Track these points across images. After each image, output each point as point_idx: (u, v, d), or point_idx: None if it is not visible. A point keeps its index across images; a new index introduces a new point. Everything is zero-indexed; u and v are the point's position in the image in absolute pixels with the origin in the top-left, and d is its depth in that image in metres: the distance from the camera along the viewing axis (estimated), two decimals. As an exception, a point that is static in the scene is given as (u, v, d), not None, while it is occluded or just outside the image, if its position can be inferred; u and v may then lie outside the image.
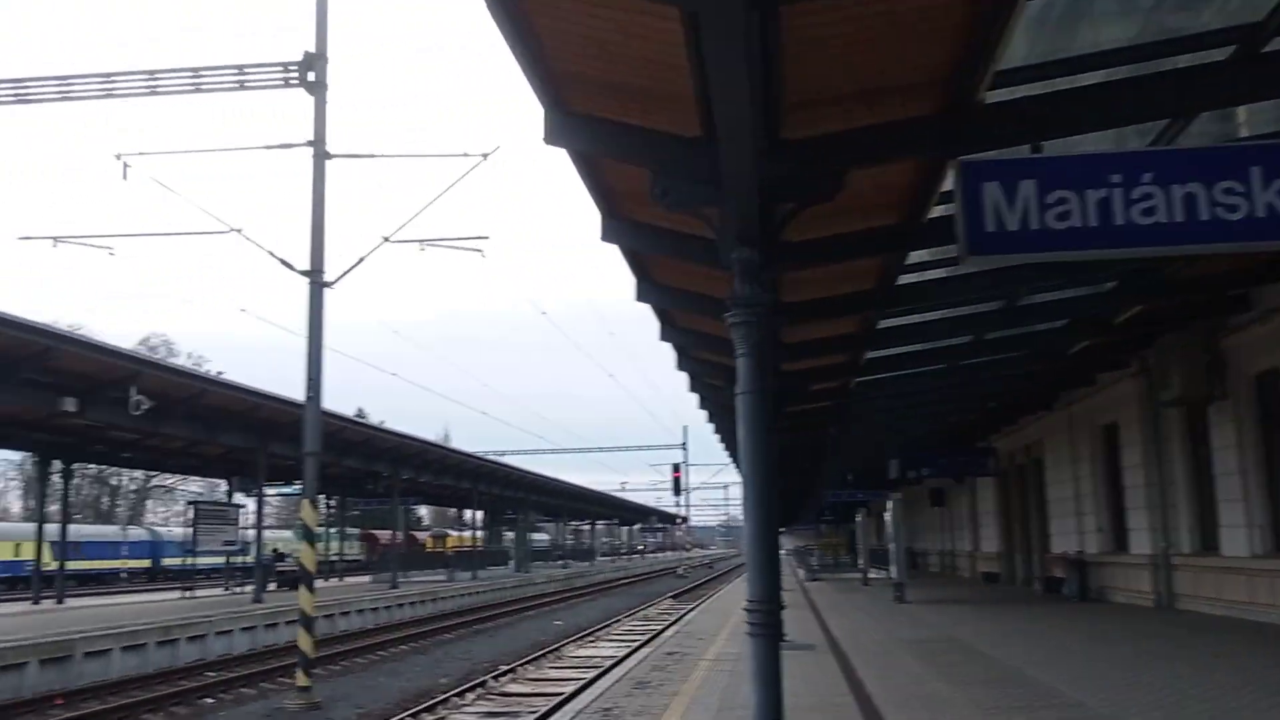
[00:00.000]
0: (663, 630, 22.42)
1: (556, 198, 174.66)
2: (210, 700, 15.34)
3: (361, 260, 16.57)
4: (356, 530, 66.66)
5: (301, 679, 14.49)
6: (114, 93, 15.67)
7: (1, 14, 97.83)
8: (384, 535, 71.94)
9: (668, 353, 14.81)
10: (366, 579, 42.76)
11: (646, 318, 13.12)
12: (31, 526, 52.84)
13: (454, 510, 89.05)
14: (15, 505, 72.14)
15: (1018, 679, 10.31)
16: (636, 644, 21.29)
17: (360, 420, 29.88)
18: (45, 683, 15.68)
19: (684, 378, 17.91)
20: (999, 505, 29.53)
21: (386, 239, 16.66)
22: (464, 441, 71.93)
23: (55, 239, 16.30)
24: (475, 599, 37.47)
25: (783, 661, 6.65)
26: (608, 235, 10.07)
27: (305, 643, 14.56)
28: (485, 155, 16.13)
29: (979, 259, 7.03)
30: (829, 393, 17.70)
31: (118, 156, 15.70)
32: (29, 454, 57.35)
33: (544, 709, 13.09)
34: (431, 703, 14.24)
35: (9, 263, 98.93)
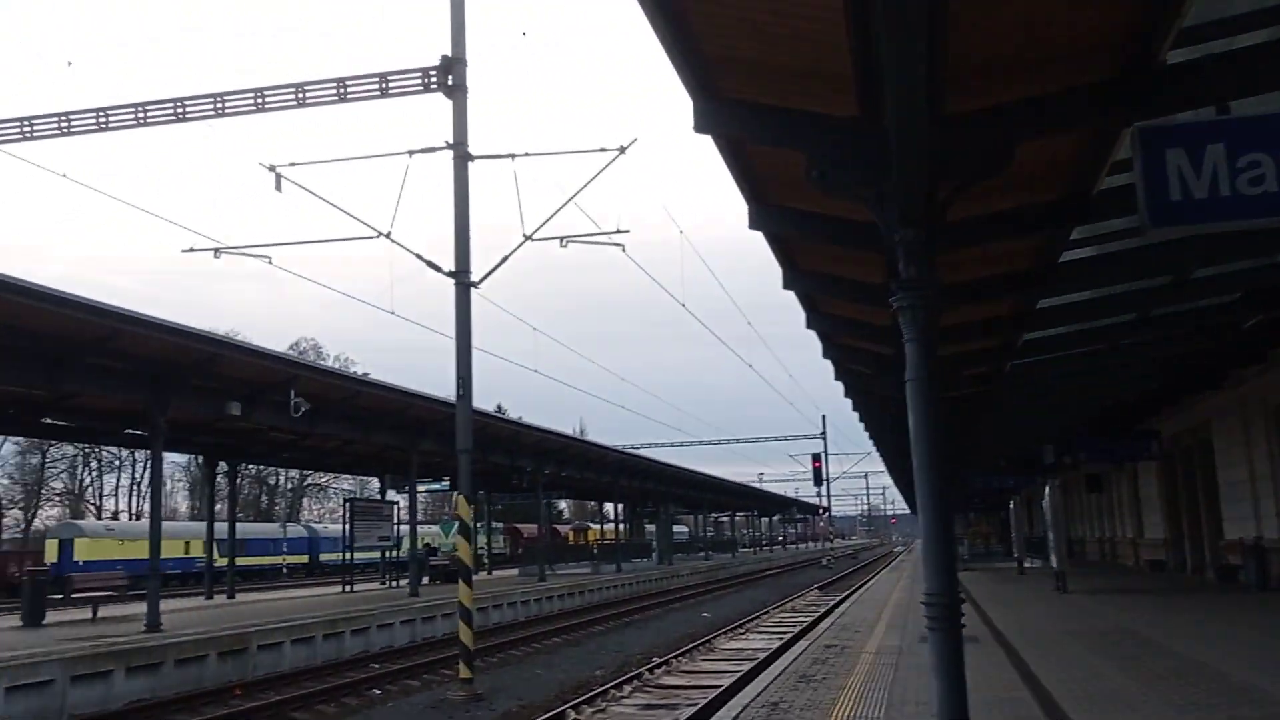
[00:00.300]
0: (816, 622, 22.15)
1: (696, 188, 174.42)
2: (377, 691, 15.81)
3: (505, 259, 16.81)
4: (500, 525, 68.02)
5: (464, 671, 14.80)
6: (265, 106, 16.26)
7: (157, 36, 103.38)
8: (527, 529, 73.37)
9: (809, 342, 14.56)
10: (514, 572, 43.62)
11: (786, 307, 12.92)
12: (197, 525, 56.00)
13: (593, 504, 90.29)
14: (182, 505, 76.19)
15: (1207, 673, 9.74)
16: (788, 636, 21.07)
17: (505, 417, 30.43)
18: (224, 674, 16.44)
19: (827, 366, 17.62)
20: (1164, 490, 28.14)
21: (528, 237, 16.86)
22: (600, 435, 72.70)
23: (216, 250, 17.02)
24: (621, 591, 37.78)
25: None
26: (755, 222, 9.91)
27: (466, 635, 14.87)
28: (623, 149, 16.14)
29: (1162, 230, 6.62)
30: (980, 378, 17.14)
31: (271, 168, 16.25)
32: (194, 456, 60.71)
33: (702, 701, 13.04)
34: (590, 694, 14.34)
35: (173, 274, 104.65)
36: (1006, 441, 28.00)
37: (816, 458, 60.73)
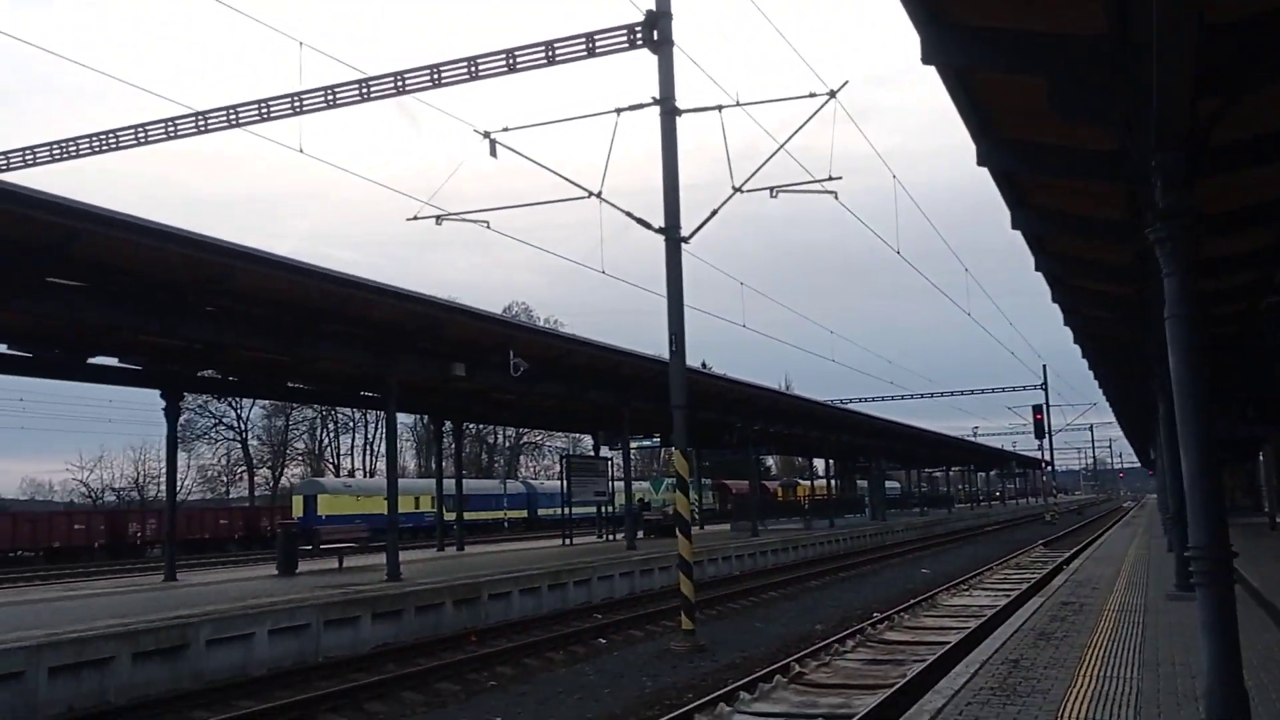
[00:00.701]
0: (1047, 579, 21.22)
1: (907, 131, 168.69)
2: (603, 641, 16.24)
3: (714, 213, 16.69)
4: (709, 481, 68.54)
5: (686, 622, 14.98)
6: (479, 74, 16.66)
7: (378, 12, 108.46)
8: (736, 485, 73.65)
9: (1031, 287, 13.79)
10: (725, 527, 43.89)
11: (1005, 252, 12.24)
12: (425, 482, 59.13)
13: (801, 460, 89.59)
14: (410, 463, 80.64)
15: None
16: (1017, 593, 20.29)
17: (714, 373, 30.52)
18: (459, 622, 17.27)
19: (1051, 312, 16.69)
20: None
21: (737, 189, 16.64)
22: (806, 390, 71.82)
23: (438, 217, 17.65)
24: (835, 547, 37.41)
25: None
26: (983, 159, 9.41)
27: (687, 588, 15.02)
28: (833, 93, 15.64)
29: None
30: (1230, 318, 15.82)
31: (486, 134, 16.67)
32: (420, 416, 64.03)
33: (931, 657, 12.70)
34: (813, 648, 14.22)
35: (391, 246, 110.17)
36: (1258, 387, 25.80)
37: (1037, 409, 57.99)
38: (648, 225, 16.59)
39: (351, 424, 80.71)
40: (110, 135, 17.60)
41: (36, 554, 43.47)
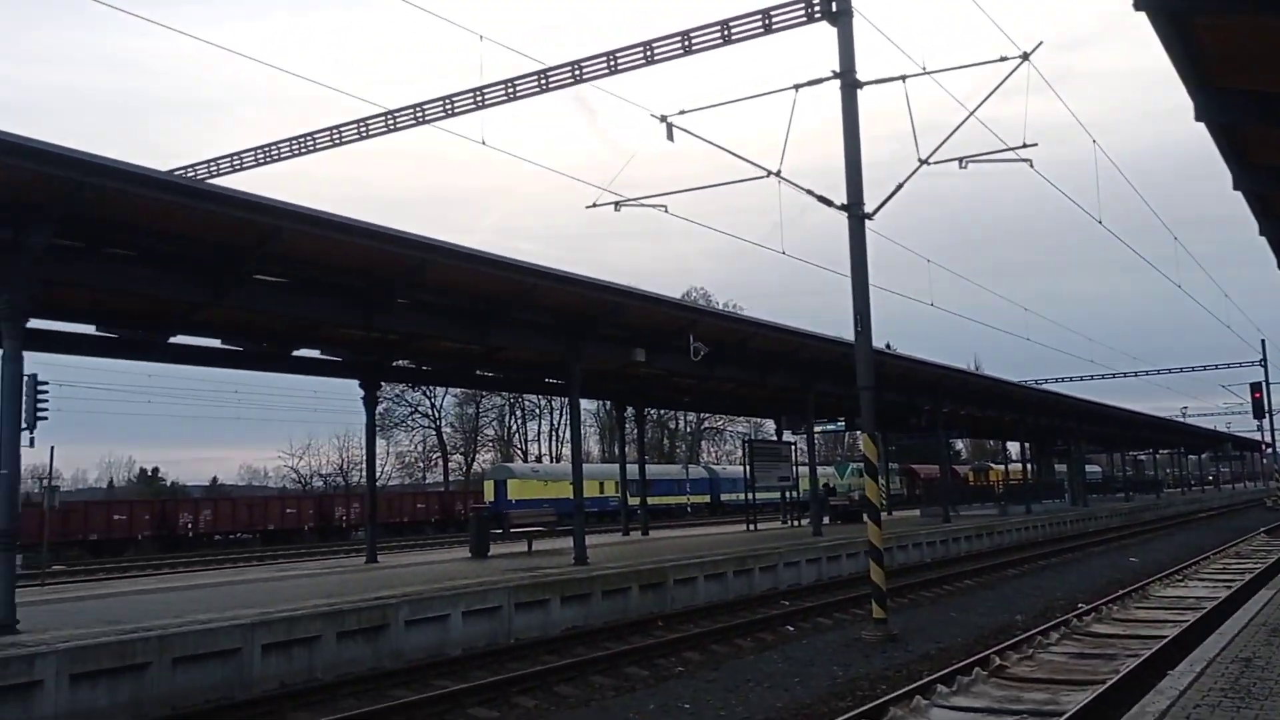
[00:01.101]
0: (1275, 569, 19.60)
1: (1110, 93, 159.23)
2: (790, 628, 15.96)
3: (899, 187, 16.05)
4: (895, 465, 66.91)
5: (877, 611, 14.54)
6: (654, 59, 16.58)
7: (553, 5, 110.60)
8: (924, 469, 71.62)
9: (1251, 255, 12.62)
10: (914, 513, 42.70)
11: (1219, 221, 11.22)
12: (609, 467, 60.03)
13: (992, 443, 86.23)
14: (594, 449, 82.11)
15: None
16: (1239, 585, 18.83)
17: (900, 353, 29.62)
18: (645, 606, 17.34)
19: (1271, 284, 15.30)
20: None
21: (923, 161, 15.97)
22: (997, 370, 69.09)
23: (617, 203, 17.69)
24: (1032, 533, 35.80)
25: None
26: (1201, 112, 8.64)
27: (877, 575, 14.57)
28: (1026, 55, 14.77)
29: None
30: None
31: (662, 118, 16.56)
32: (603, 402, 65.06)
33: (1145, 653, 11.86)
34: (1014, 640, 13.53)
35: (571, 238, 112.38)
36: None
37: (1256, 387, 53.76)
38: (829, 203, 16.14)
39: (538, 411, 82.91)
40: (308, 138, 18.46)
41: (254, 535, 46.56)
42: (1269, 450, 71.86)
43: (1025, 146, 15.68)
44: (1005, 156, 15.72)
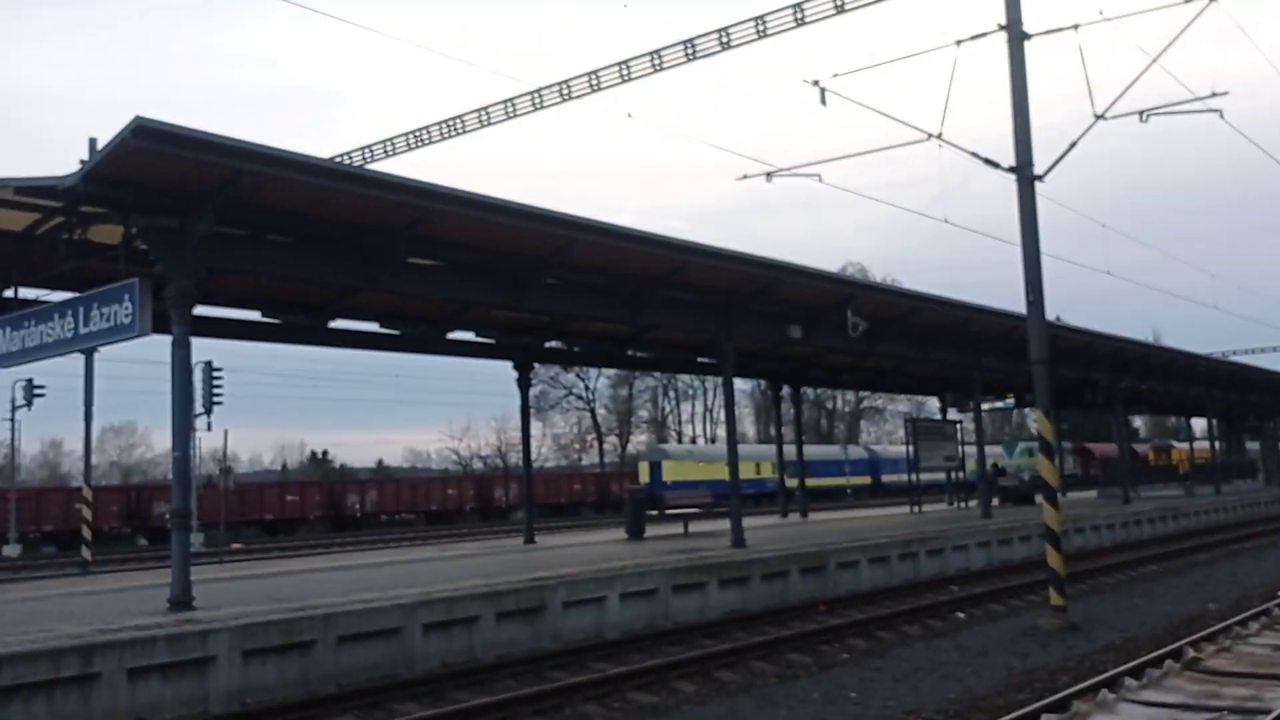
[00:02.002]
0: None
1: None
2: (961, 615, 15.18)
3: (1073, 145, 14.95)
4: (1068, 444, 64.02)
5: (1055, 598, 13.64)
6: (804, 20, 15.97)
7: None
8: (1099, 449, 68.25)
9: None
10: (1090, 494, 40.63)
11: None
12: (764, 448, 59.40)
13: (1173, 420, 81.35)
14: (749, 429, 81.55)
15: None
16: None
17: (1074, 326, 28.00)
18: (806, 591, 16.83)
19: None
20: None
21: (1100, 116, 14.83)
22: (1178, 341, 64.89)
23: (768, 174, 17.13)
24: (1223, 516, 33.49)
25: None
26: None
27: (1055, 560, 13.66)
28: (1215, -7, 13.50)
29: None
30: None
31: (815, 83, 15.89)
32: (757, 381, 64.36)
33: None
34: (1208, 630, 12.44)
35: (719, 214, 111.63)
36: None
37: None
38: (995, 165, 15.19)
39: (691, 392, 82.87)
40: (457, 120, 18.60)
41: (417, 516, 48.03)
42: None
43: (1214, 95, 14.39)
44: (1192, 107, 14.45)
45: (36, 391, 27.74)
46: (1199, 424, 54.96)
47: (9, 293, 13.50)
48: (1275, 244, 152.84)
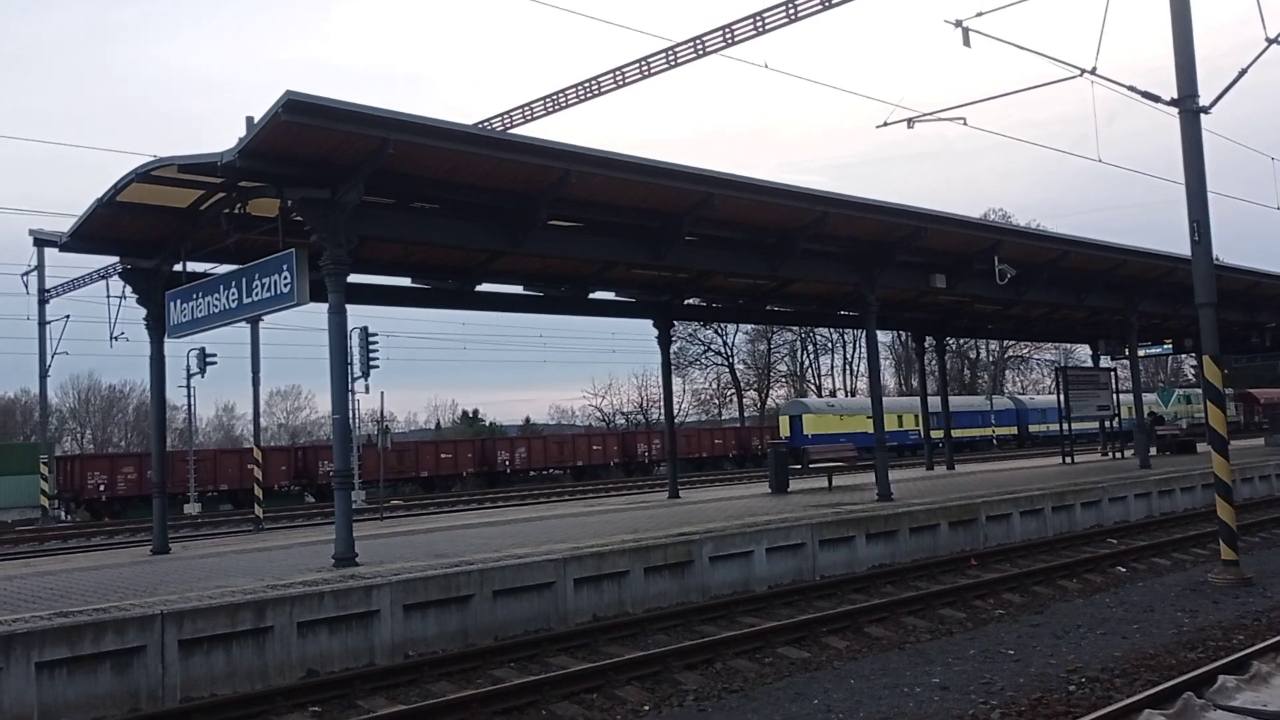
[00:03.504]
0: None
1: None
2: (1122, 569, 14.64)
3: (1243, 73, 14.04)
4: (1230, 390, 60.82)
5: (1226, 552, 13.01)
6: (947, -42, 15.30)
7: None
8: (1264, 394, 64.63)
9: None
10: (1256, 442, 38.58)
11: None
12: (907, 400, 58.31)
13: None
14: (890, 381, 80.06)
15: None
16: None
17: (1239, 266, 26.42)
18: (955, 544, 16.52)
19: None
20: None
21: (1272, 40, 13.88)
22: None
23: (910, 120, 16.62)
24: None
25: None
26: None
27: (1226, 512, 13.02)
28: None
29: None
30: None
31: (958, 23, 15.28)
32: (898, 333, 63.02)
33: None
34: (1401, 588, 11.72)
35: (855, 166, 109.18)
36: None
37: None
38: (1156, 99, 14.37)
39: (830, 345, 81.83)
40: (593, 82, 18.57)
41: (564, 471, 49.00)
42: None
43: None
44: (1379, 23, 13.33)
45: (209, 360, 29.30)
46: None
47: (178, 267, 14.23)
48: None
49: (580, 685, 9.07)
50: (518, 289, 18.26)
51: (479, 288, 17.36)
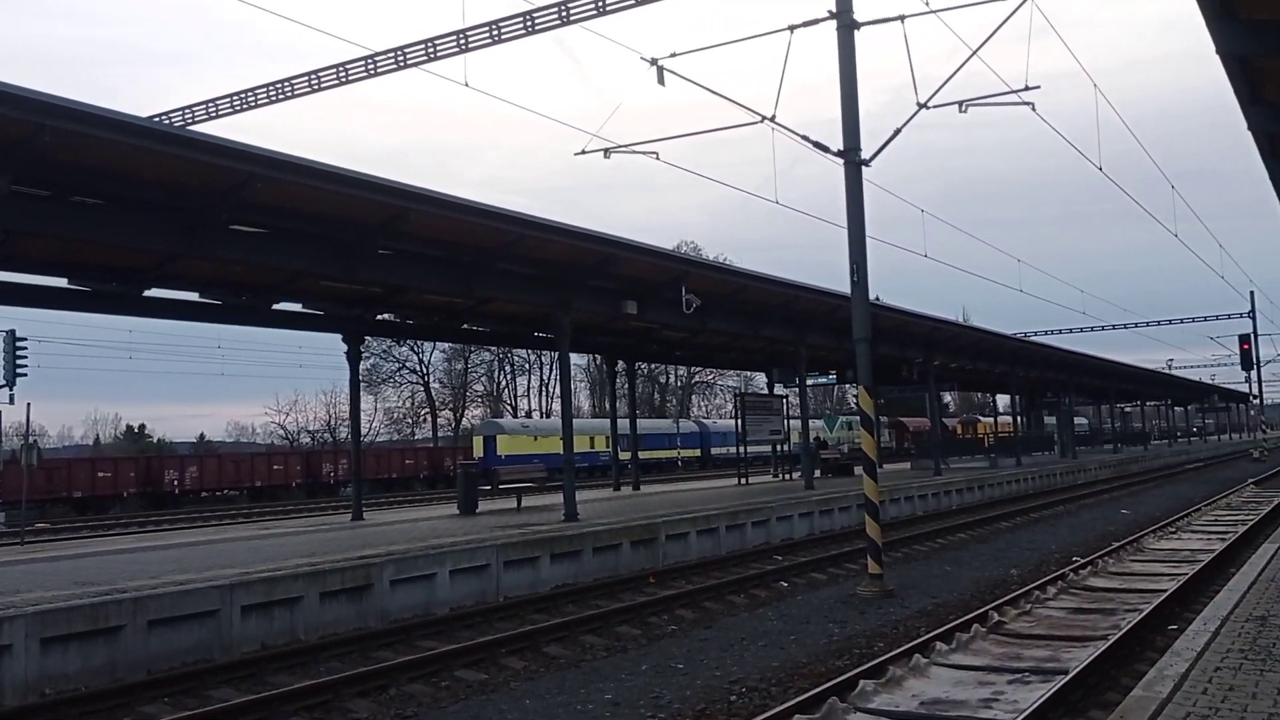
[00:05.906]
0: (1266, 521, 19.44)
1: (1113, 43, 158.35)
2: (784, 584, 15.70)
3: (897, 132, 15.55)
4: (884, 418, 66.92)
5: (873, 566, 14.28)
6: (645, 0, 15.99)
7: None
8: (913, 423, 71.61)
9: (1247, 207, 12.21)
10: (904, 466, 42.61)
11: (1217, 174, 10.78)
12: (599, 422, 59.76)
13: (979, 395, 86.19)
14: (584, 403, 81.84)
15: None
16: (1231, 536, 18.66)
17: (893, 306, 29.24)
18: (636, 562, 17.06)
19: (1261, 235, 14.93)
20: None
21: (923, 105, 15.45)
22: (985, 321, 68.73)
23: (606, 150, 17.14)
24: (1023, 486, 35.72)
25: None
26: (1220, 43, 8.23)
27: (873, 530, 14.29)
28: (1029, -7, 14.21)
29: None
30: None
31: (653, 61, 15.97)
32: (593, 356, 64.59)
33: (1146, 608, 11.61)
34: (1011, 595, 13.30)
35: (559, 190, 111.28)
36: None
37: (1244, 339, 53.73)
38: (825, 149, 15.66)
39: (527, 366, 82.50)
40: (285, 84, 17.83)
41: (241, 492, 46.24)
42: (1255, 402, 72.07)
43: (1027, 89, 15.19)
44: (1007, 99, 15.23)
45: None
46: (1003, 400, 58.49)
47: None
48: (1074, 232, 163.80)
49: (242, 719, 8.55)
50: (194, 296, 17.08)
51: (149, 292, 16.08)
